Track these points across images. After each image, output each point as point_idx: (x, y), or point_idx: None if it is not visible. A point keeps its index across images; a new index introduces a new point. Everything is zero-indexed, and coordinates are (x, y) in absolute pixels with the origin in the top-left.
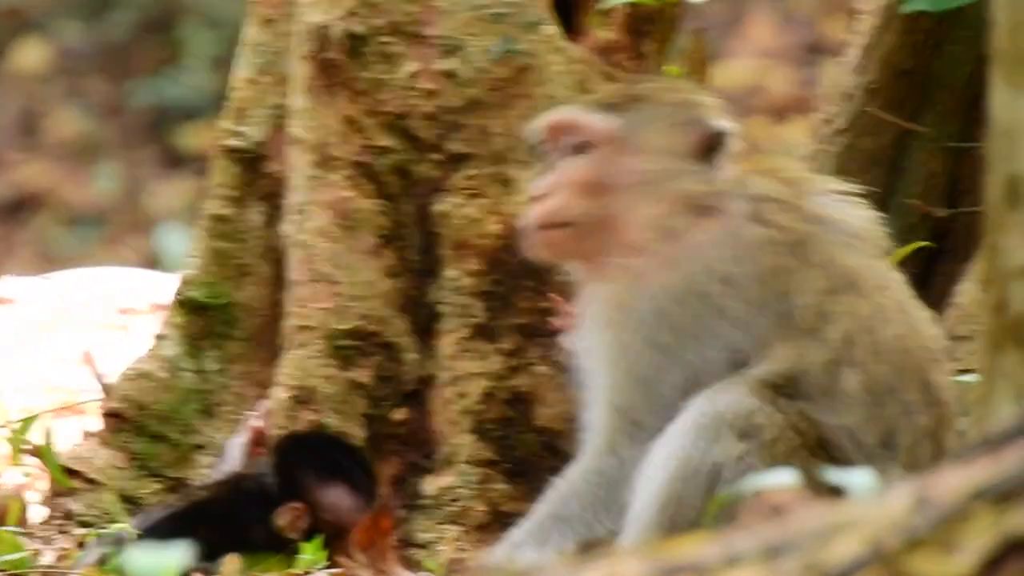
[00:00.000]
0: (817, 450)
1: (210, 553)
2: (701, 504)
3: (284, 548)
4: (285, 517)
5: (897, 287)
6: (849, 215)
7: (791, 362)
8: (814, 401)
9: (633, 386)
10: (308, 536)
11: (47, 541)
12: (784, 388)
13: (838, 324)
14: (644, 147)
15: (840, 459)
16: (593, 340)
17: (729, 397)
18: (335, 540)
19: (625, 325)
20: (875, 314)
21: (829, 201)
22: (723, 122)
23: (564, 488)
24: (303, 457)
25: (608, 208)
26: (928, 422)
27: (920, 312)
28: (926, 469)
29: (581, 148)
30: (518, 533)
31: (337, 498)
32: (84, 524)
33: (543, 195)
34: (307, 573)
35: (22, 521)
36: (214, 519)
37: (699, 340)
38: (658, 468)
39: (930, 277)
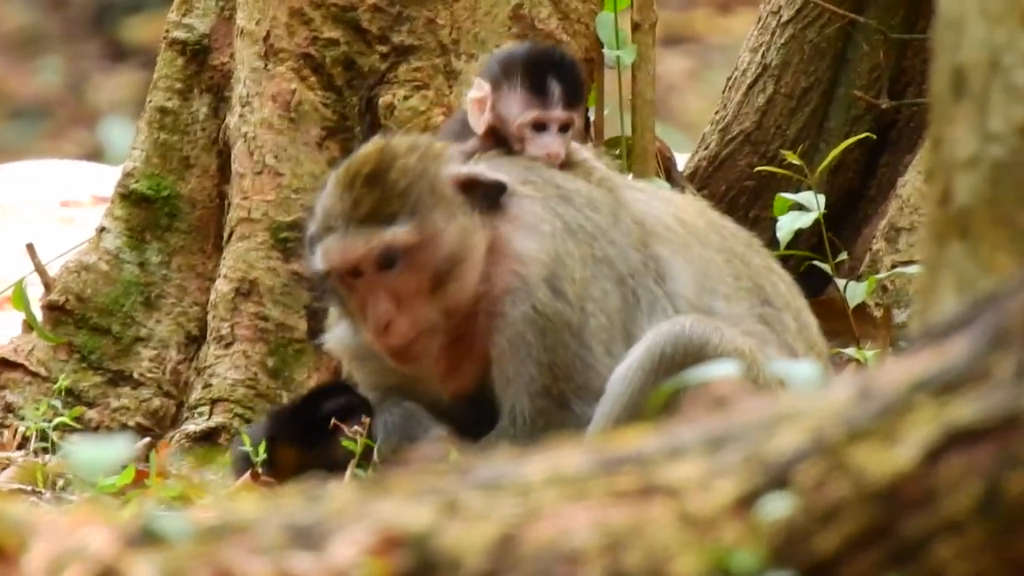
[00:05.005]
0: None
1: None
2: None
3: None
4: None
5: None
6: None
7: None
8: None
9: (556, 370)
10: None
11: None
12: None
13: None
14: (437, 227)
15: None
16: (503, 342)
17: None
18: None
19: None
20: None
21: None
22: (461, 168)
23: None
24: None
25: (450, 294)
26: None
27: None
28: None
29: (387, 263)
30: None
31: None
32: (24, 417)
33: (390, 320)
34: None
35: None
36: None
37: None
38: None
39: (874, 168)
